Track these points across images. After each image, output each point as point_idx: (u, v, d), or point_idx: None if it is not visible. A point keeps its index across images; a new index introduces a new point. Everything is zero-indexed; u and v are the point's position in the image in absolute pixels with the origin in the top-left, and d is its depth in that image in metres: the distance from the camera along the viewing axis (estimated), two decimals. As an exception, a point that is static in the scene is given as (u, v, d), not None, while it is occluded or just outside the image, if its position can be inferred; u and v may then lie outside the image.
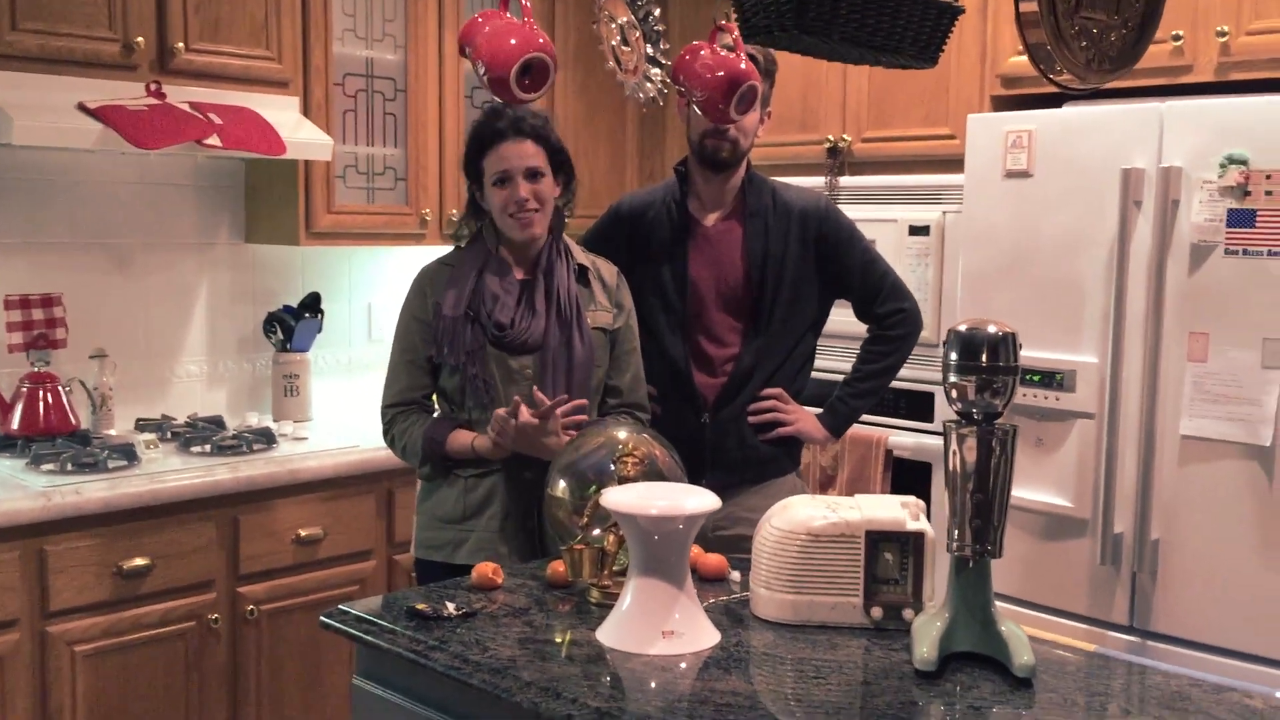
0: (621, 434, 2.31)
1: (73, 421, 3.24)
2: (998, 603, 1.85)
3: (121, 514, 2.90)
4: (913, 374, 3.42)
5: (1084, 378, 2.94)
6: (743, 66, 2.18)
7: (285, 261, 3.85)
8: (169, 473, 3.03)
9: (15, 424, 3.16)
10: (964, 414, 1.80)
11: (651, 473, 2.17)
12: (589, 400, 2.54)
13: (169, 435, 3.34)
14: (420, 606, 2.02)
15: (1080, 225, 2.93)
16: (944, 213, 3.32)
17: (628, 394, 2.63)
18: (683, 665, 1.82)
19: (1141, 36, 1.95)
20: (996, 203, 3.05)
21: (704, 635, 1.90)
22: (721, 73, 2.15)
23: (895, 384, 3.41)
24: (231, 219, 3.74)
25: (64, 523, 2.81)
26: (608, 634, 1.90)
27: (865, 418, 3.50)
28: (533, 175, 2.45)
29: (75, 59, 3.06)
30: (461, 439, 2.47)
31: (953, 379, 1.78)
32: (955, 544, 1.80)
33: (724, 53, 2.20)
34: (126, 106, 3.05)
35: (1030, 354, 2.99)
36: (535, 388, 2.43)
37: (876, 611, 1.99)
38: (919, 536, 1.98)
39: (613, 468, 2.13)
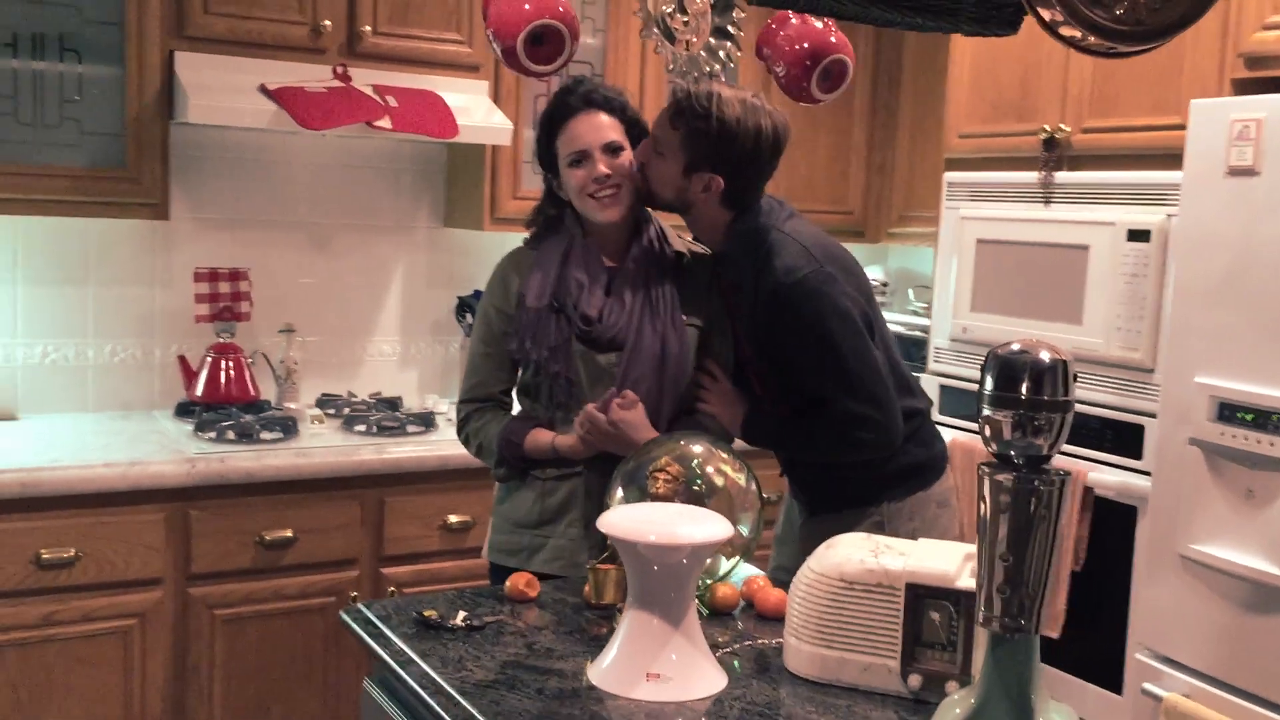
0: (696, 448, 2.10)
1: (252, 392, 3.36)
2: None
3: (267, 485, 2.97)
4: (1121, 401, 2.96)
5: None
6: (833, 40, 1.90)
7: (481, 246, 3.84)
8: (316, 449, 3.08)
9: (199, 391, 3.31)
10: (1001, 456, 1.47)
11: (699, 494, 1.95)
12: (681, 401, 2.35)
13: (340, 412, 3.40)
14: (429, 613, 1.90)
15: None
16: (1168, 215, 2.84)
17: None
18: (666, 716, 1.60)
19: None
20: (1216, 205, 2.56)
21: (698, 683, 1.67)
22: (805, 44, 1.89)
23: (1100, 412, 2.98)
24: (431, 203, 3.78)
25: (208, 489, 2.90)
26: (597, 669, 1.71)
27: (1064, 447, 3.07)
28: (611, 149, 2.27)
29: (264, 42, 3.16)
30: (541, 438, 2.33)
31: (986, 412, 1.46)
32: (981, 614, 1.48)
33: (818, 25, 1.93)
34: (305, 88, 3.12)
35: (1242, 387, 2.50)
36: (626, 391, 2.26)
37: (915, 680, 1.68)
38: (971, 596, 1.65)
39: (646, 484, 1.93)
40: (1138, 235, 2.90)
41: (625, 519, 1.69)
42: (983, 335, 3.30)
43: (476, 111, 3.38)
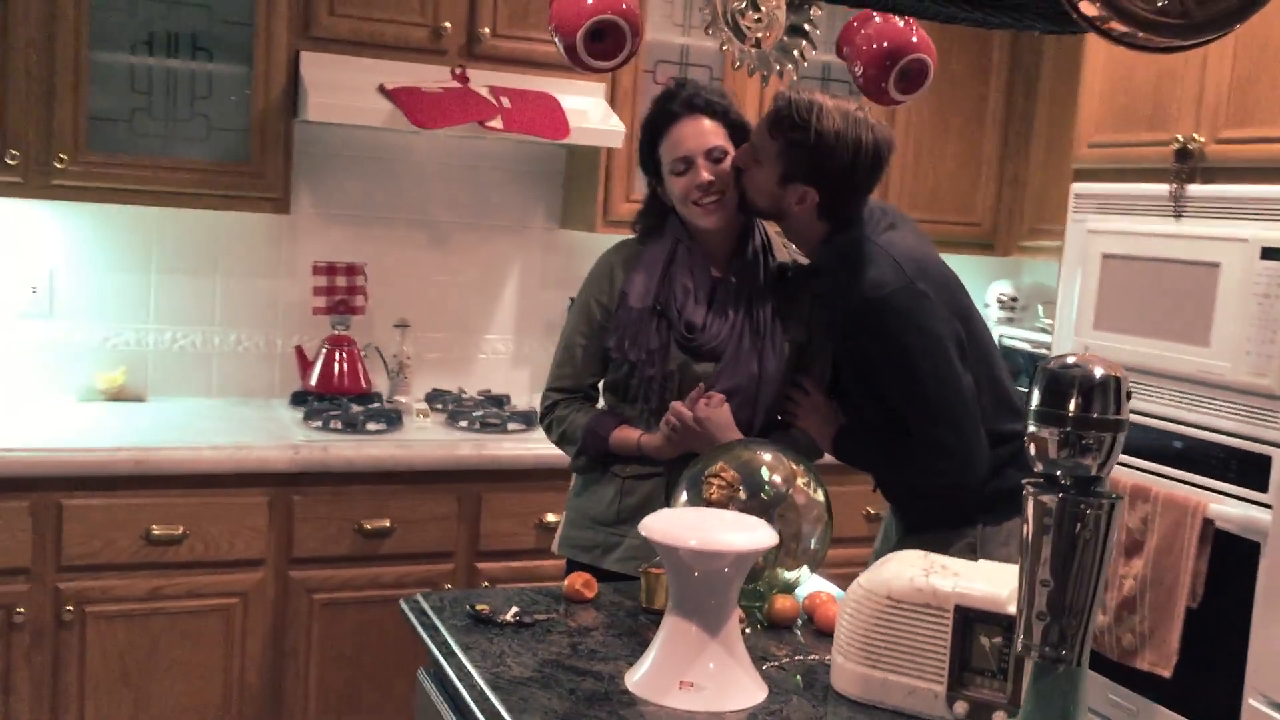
0: (765, 455, 2.06)
1: (363, 384, 3.44)
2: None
3: (368, 475, 3.04)
4: (1248, 429, 2.78)
5: None
6: (914, 39, 1.83)
7: (593, 247, 3.81)
8: (416, 441, 3.13)
9: (313, 381, 3.41)
10: (1047, 477, 1.39)
11: (765, 502, 1.90)
12: (772, 415, 2.31)
13: (446, 407, 3.46)
14: (481, 607, 1.91)
15: None
16: (1307, 234, 2.66)
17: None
18: (689, 724, 1.57)
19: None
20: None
21: (734, 694, 1.63)
22: (884, 43, 1.82)
23: (1224, 440, 2.81)
24: (549, 204, 3.81)
25: (311, 476, 2.99)
26: (634, 674, 1.69)
27: (1183, 475, 2.91)
28: (714, 156, 2.24)
29: (385, 43, 3.23)
30: (628, 434, 2.32)
31: (1032, 429, 1.38)
32: (1020, 641, 1.40)
33: (899, 24, 1.87)
34: (422, 88, 3.18)
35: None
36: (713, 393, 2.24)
37: (960, 707, 1.61)
38: (1023, 624, 1.56)
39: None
40: (1272, 253, 2.72)
41: (667, 523, 1.66)
42: (1107, 355, 3.14)
43: (592, 114, 3.39)
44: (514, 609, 1.91)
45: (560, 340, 2.44)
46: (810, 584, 2.09)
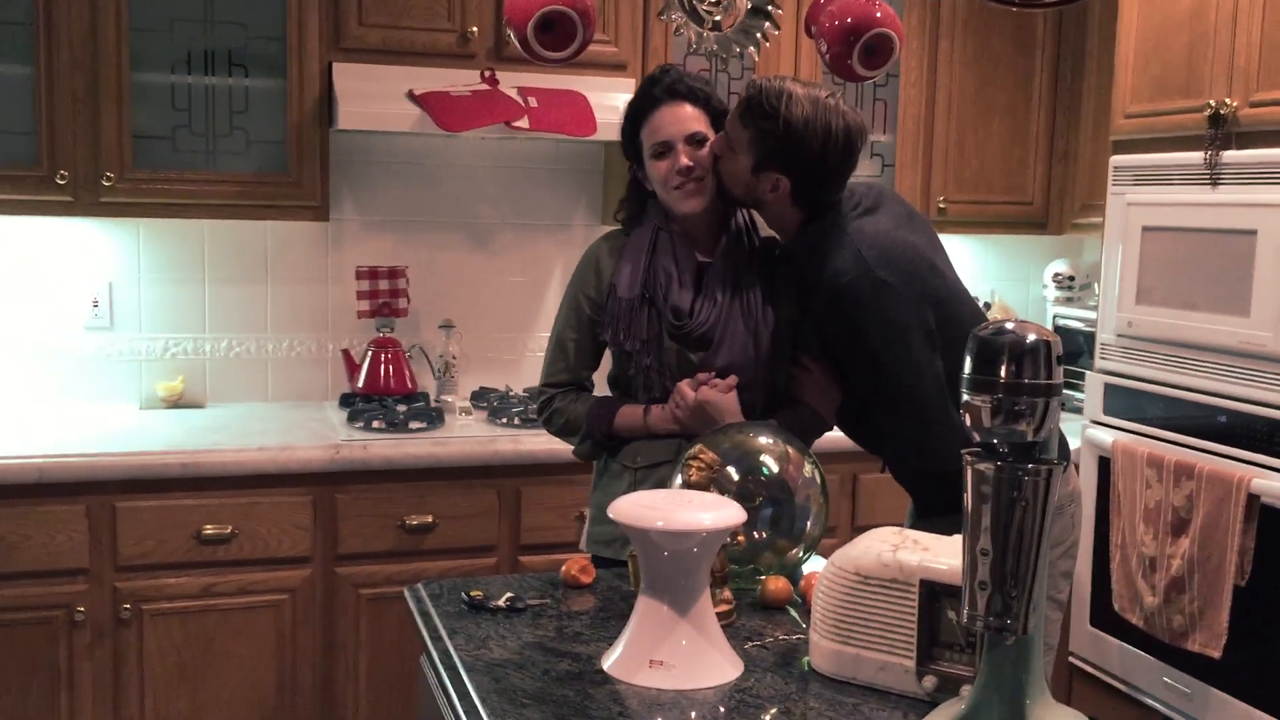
0: (762, 438, 2.07)
1: (409, 385, 3.52)
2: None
3: (409, 472, 3.11)
4: (1290, 401, 2.69)
5: None
6: (877, 14, 1.82)
7: (636, 243, 3.87)
8: (454, 438, 3.20)
9: (360, 383, 3.50)
10: (985, 445, 1.37)
11: (763, 483, 1.92)
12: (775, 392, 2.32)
13: (491, 404, 3.52)
14: (474, 593, 1.95)
15: None
16: (1342, 196, 2.56)
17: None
18: (654, 703, 1.59)
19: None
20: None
21: (705, 672, 1.65)
22: (848, 19, 1.81)
23: (1268, 413, 2.73)
24: (589, 201, 3.85)
25: (353, 474, 3.07)
26: (609, 656, 1.71)
27: (1227, 450, 2.83)
28: (694, 141, 2.25)
29: (415, 50, 3.31)
30: (633, 413, 2.34)
31: (965, 397, 1.36)
32: (965, 612, 1.39)
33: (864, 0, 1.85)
34: (450, 92, 3.25)
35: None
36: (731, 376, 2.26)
37: (929, 681, 1.60)
38: (989, 597, 1.55)
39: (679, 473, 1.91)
40: (1308, 218, 2.63)
41: (636, 505, 1.68)
42: (1149, 330, 3.07)
43: (618, 110, 3.41)
44: (507, 595, 1.95)
45: (551, 336, 2.47)
46: (810, 565, 2.08)
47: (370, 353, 3.52)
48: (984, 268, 4.29)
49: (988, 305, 4.13)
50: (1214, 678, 2.87)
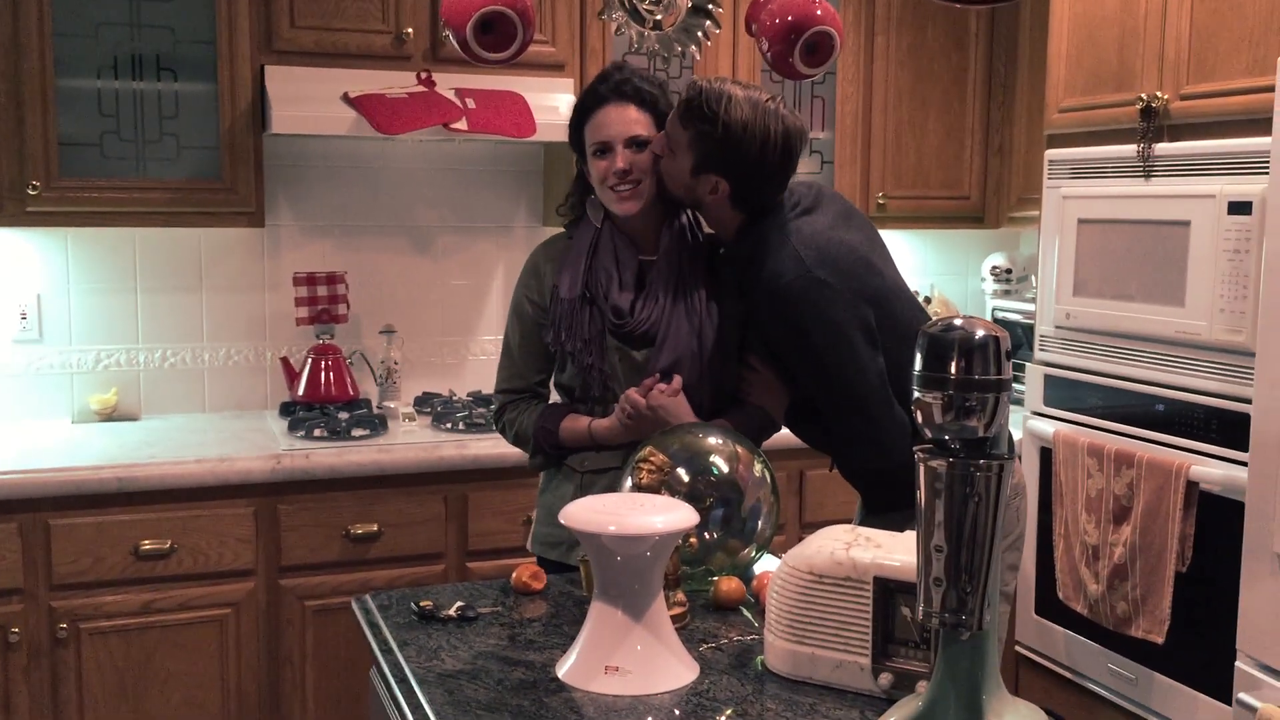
0: (711, 439, 2.06)
1: (350, 392, 3.47)
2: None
3: (353, 480, 3.06)
4: (1226, 388, 2.73)
5: None
6: (817, 12, 1.82)
7: (578, 244, 3.85)
8: (398, 445, 3.15)
9: (301, 391, 3.45)
10: (937, 441, 1.38)
11: (713, 484, 1.90)
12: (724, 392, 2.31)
13: (434, 409, 3.48)
14: (425, 604, 1.92)
15: None
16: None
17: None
18: (611, 709, 1.57)
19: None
20: (1309, 172, 2.33)
21: (661, 677, 1.63)
22: (788, 17, 1.81)
23: (1204, 400, 2.77)
24: (529, 203, 3.82)
25: (295, 484, 3.02)
26: (564, 663, 1.69)
27: (1165, 439, 2.87)
28: (635, 144, 2.23)
29: (349, 52, 3.26)
30: (578, 423, 2.32)
31: (916, 394, 1.36)
32: (921, 608, 1.39)
33: (811, -4, 1.85)
34: (386, 95, 3.21)
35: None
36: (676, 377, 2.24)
37: (885, 679, 1.60)
38: (942, 593, 1.55)
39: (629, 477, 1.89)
40: (1239, 208, 2.67)
41: (587, 510, 1.66)
42: (1087, 322, 3.11)
43: (563, 110, 3.39)
44: (457, 604, 1.92)
45: (502, 344, 2.45)
46: (762, 565, 2.08)
47: (310, 360, 3.46)
48: (923, 262, 4.33)
49: (927, 299, 4.16)
50: (1157, 663, 2.91)
